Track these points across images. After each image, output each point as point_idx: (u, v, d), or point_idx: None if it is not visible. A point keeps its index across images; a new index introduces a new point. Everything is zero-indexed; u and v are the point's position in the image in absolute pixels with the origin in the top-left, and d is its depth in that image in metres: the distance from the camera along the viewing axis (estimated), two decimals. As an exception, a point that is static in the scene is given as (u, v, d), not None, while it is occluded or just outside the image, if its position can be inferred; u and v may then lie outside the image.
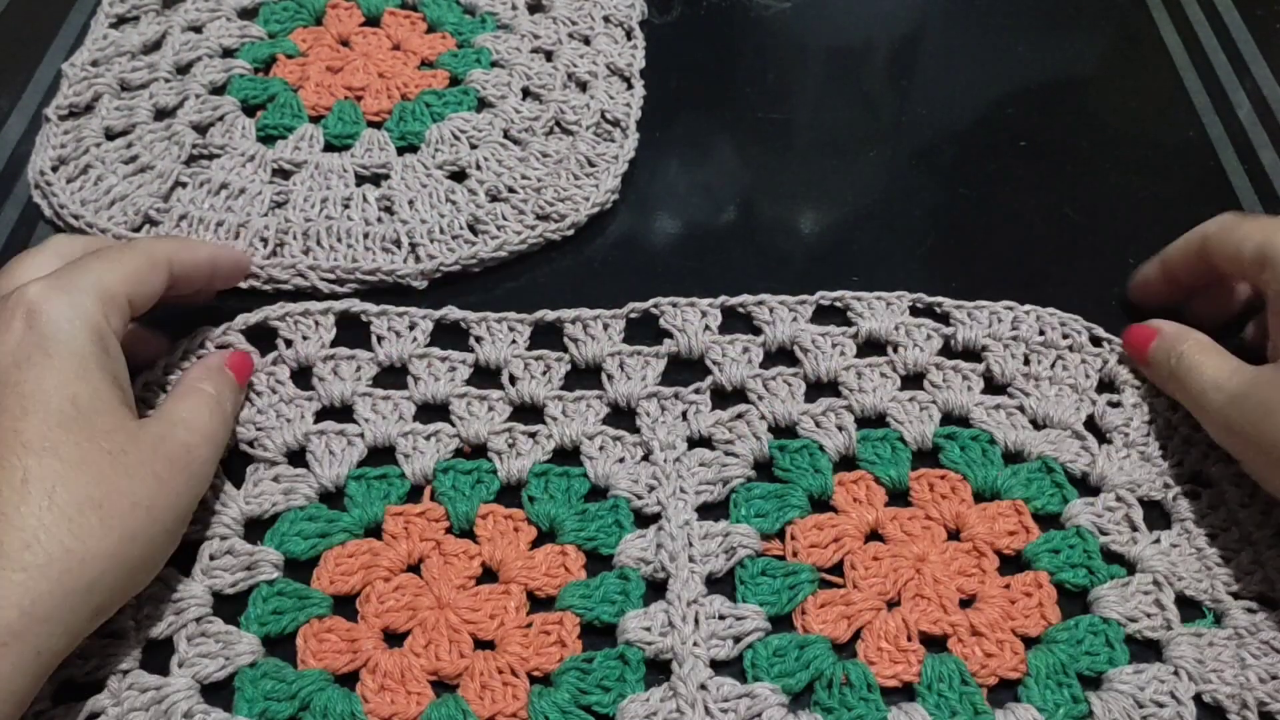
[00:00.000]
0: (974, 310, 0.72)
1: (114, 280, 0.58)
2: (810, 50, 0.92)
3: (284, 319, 0.69)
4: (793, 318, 0.72)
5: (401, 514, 0.63)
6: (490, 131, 0.81)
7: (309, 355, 0.69)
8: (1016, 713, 0.57)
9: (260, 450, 0.65)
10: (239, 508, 0.63)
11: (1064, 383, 0.70)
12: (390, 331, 0.70)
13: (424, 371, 0.69)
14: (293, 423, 0.67)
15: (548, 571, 0.62)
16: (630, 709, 0.56)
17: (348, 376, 0.69)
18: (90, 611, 0.51)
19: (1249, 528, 0.64)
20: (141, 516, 0.53)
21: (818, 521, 0.64)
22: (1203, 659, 0.59)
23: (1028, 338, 0.71)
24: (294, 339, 0.69)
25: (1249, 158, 0.84)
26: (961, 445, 0.67)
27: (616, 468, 0.66)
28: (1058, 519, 0.65)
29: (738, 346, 0.71)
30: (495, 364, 0.70)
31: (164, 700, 0.56)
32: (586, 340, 0.70)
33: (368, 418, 0.67)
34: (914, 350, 0.71)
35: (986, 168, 0.84)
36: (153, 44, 0.86)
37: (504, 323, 0.71)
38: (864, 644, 0.60)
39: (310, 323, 0.70)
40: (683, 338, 0.70)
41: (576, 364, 0.70)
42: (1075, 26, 0.94)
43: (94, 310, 0.56)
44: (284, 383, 0.68)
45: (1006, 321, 0.72)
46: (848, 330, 0.72)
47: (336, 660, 0.58)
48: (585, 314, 0.71)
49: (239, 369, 0.65)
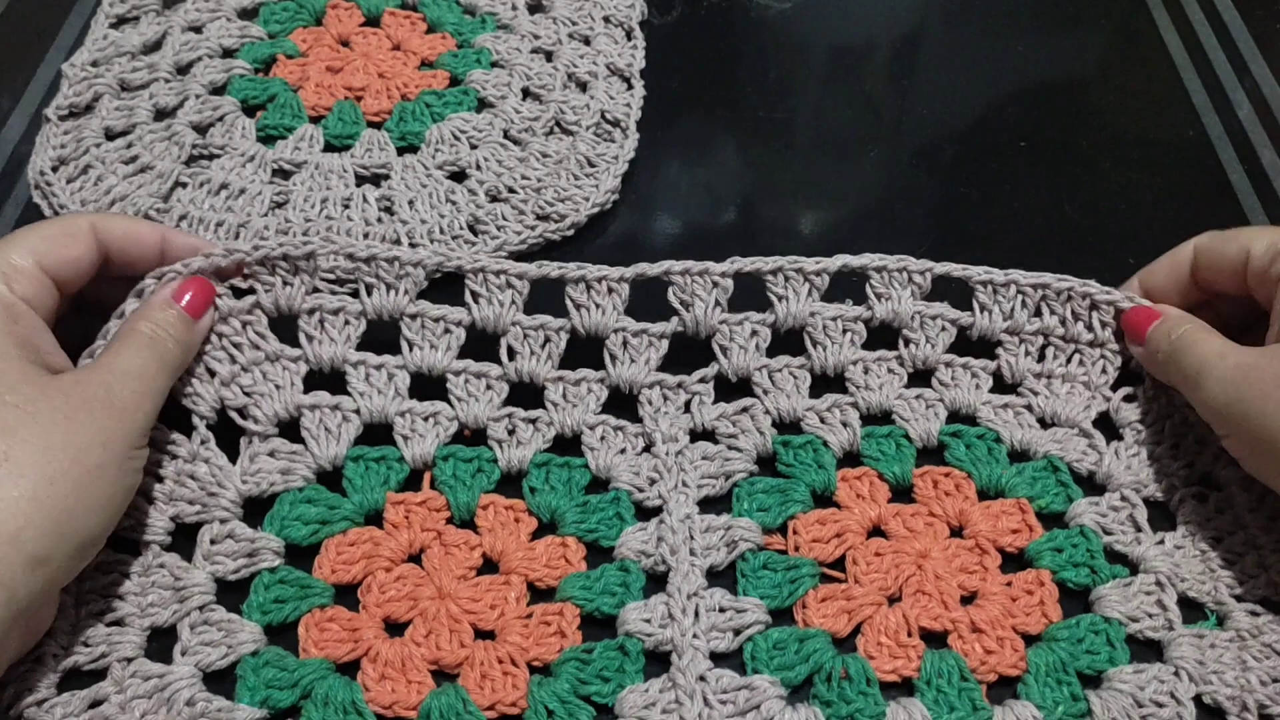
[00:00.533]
0: (1001, 288, 0.70)
1: (17, 252, 0.59)
2: (811, 50, 0.92)
3: (264, 263, 0.66)
4: (808, 290, 0.69)
5: (402, 503, 0.63)
6: (490, 132, 0.81)
7: (291, 303, 0.66)
8: (1015, 709, 0.57)
9: (251, 422, 0.65)
10: (236, 488, 0.63)
11: (1077, 380, 0.70)
12: (379, 281, 0.67)
13: (417, 335, 0.67)
14: (282, 390, 0.66)
15: (548, 563, 0.62)
16: (629, 699, 0.56)
17: (337, 338, 0.67)
18: (25, 562, 0.50)
19: (1255, 532, 0.63)
20: (57, 458, 0.52)
21: (820, 517, 0.64)
22: (1204, 660, 0.59)
23: (1049, 330, 0.70)
24: (274, 284, 0.66)
25: (1249, 157, 0.84)
26: (967, 443, 0.67)
27: (618, 459, 0.66)
28: (1062, 518, 0.65)
29: (746, 329, 0.69)
30: (493, 327, 0.68)
31: (167, 688, 0.55)
32: (589, 306, 0.68)
33: (362, 391, 0.66)
34: (925, 347, 0.70)
35: (987, 167, 0.84)
36: (153, 44, 0.86)
37: (502, 276, 0.67)
38: (864, 639, 0.60)
39: (289, 268, 0.66)
40: (690, 316, 0.68)
41: (578, 332, 0.68)
42: (1075, 26, 0.94)
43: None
44: (265, 336, 0.66)
45: (1030, 306, 0.70)
46: (862, 313, 0.70)
47: (338, 649, 0.58)
48: (590, 272, 0.68)
49: (195, 298, 0.63)
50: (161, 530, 0.61)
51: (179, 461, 0.63)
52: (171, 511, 0.62)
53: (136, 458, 0.57)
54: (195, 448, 0.63)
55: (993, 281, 0.70)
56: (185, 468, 0.63)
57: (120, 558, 0.59)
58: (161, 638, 0.58)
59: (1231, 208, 0.81)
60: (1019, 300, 0.70)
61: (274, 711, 0.56)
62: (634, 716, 0.56)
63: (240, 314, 0.65)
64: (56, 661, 0.56)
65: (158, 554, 0.60)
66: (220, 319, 0.65)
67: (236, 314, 0.65)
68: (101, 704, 0.55)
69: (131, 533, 0.60)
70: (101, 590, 0.58)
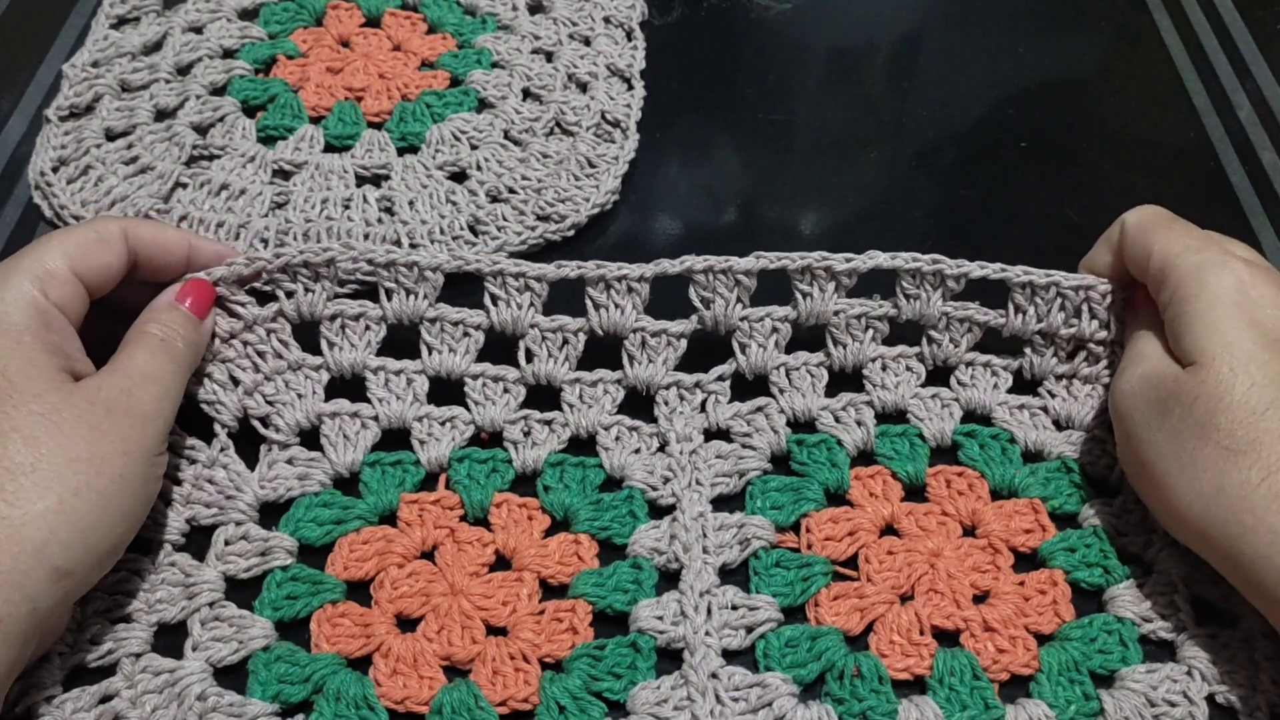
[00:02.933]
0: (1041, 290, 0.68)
1: (52, 256, 0.58)
2: (811, 51, 0.92)
3: (285, 270, 0.66)
4: (833, 287, 0.67)
5: (416, 501, 0.63)
6: (491, 132, 0.81)
7: (313, 309, 0.67)
8: (1028, 708, 0.57)
9: (273, 431, 0.65)
10: (254, 492, 0.63)
11: (1099, 381, 0.69)
12: (399, 286, 0.67)
13: (437, 339, 0.68)
14: (304, 399, 0.66)
15: (561, 560, 0.62)
16: (641, 696, 0.56)
17: (358, 343, 0.67)
18: (49, 574, 0.50)
19: None
20: (82, 469, 0.52)
21: (833, 515, 0.64)
22: (1216, 660, 0.59)
23: (1089, 334, 0.69)
24: (295, 290, 0.67)
25: (1249, 158, 0.84)
26: (981, 443, 0.67)
27: (632, 458, 0.66)
28: (1075, 519, 0.65)
29: (767, 325, 0.68)
30: (511, 329, 0.67)
31: (178, 683, 0.56)
32: (608, 305, 0.67)
33: (381, 397, 0.67)
34: (948, 346, 0.70)
35: (987, 168, 0.84)
36: (153, 45, 0.86)
37: (521, 278, 0.67)
38: (876, 637, 0.60)
39: (310, 275, 0.67)
40: (710, 314, 0.67)
41: (596, 332, 0.68)
42: (1075, 27, 0.95)
43: (28, 287, 0.57)
44: (288, 343, 0.67)
45: (1070, 309, 0.68)
46: (888, 310, 0.69)
47: (349, 644, 0.58)
48: (609, 271, 0.67)
49: (197, 299, 0.63)
50: (176, 531, 0.61)
51: (198, 466, 0.63)
52: (188, 514, 0.62)
53: (157, 465, 0.57)
54: (215, 454, 0.64)
55: (1033, 283, 0.68)
56: (204, 473, 0.63)
57: (130, 556, 0.59)
58: (171, 635, 0.58)
59: (1232, 209, 0.81)
60: (1058, 303, 0.68)
61: (285, 706, 0.56)
62: (646, 713, 0.56)
63: (265, 322, 0.66)
64: (63, 659, 0.56)
65: (169, 553, 0.60)
66: (245, 327, 0.66)
67: (261, 322, 0.66)
68: (112, 699, 0.55)
69: (145, 532, 0.60)
70: (109, 588, 0.58)
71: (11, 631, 0.49)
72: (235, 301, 0.65)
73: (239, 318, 0.65)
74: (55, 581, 0.51)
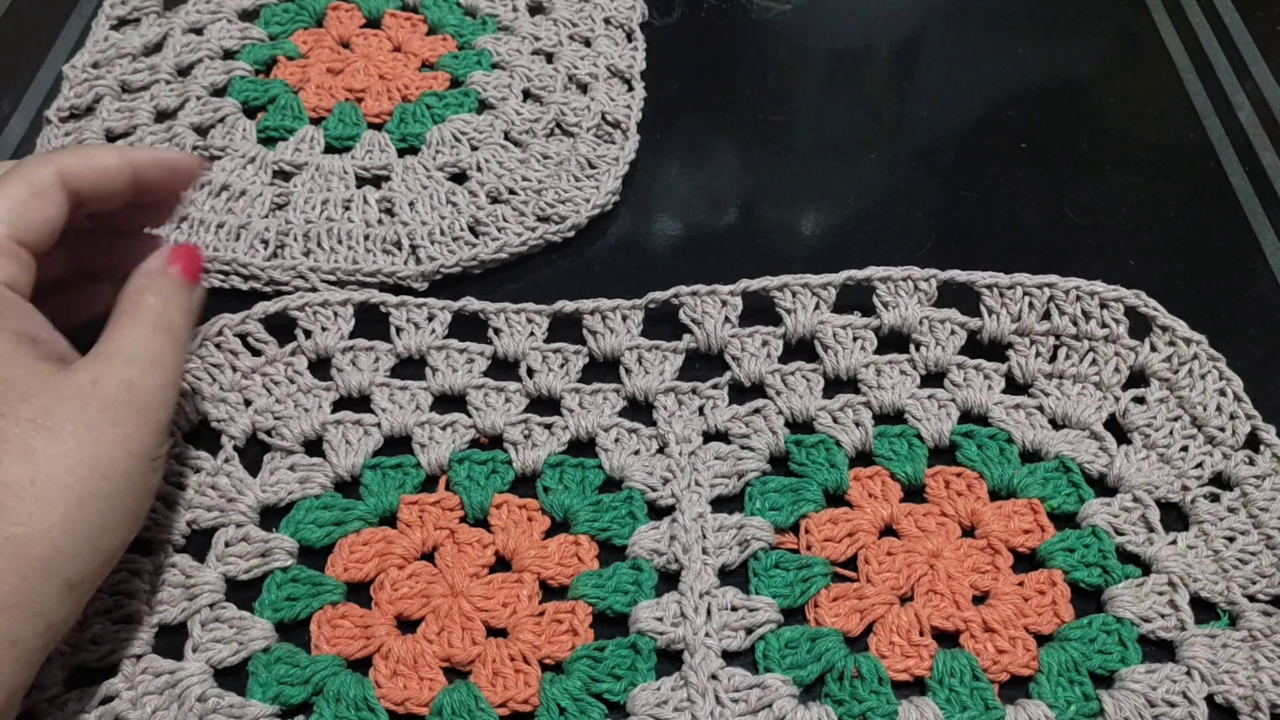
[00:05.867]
0: (1006, 290, 0.71)
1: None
2: (811, 52, 0.92)
3: (303, 309, 0.69)
4: (815, 304, 0.70)
5: (416, 503, 0.63)
6: (491, 133, 0.81)
7: (328, 346, 0.69)
8: (1028, 709, 0.57)
9: (278, 440, 0.66)
10: (255, 496, 0.63)
11: (1088, 380, 0.70)
12: (409, 323, 0.70)
13: (442, 363, 0.69)
14: (310, 412, 0.67)
15: (561, 561, 0.62)
16: (641, 697, 0.56)
17: (366, 367, 0.69)
18: (59, 589, 0.48)
19: (1270, 530, 0.63)
20: (85, 476, 0.49)
21: (832, 516, 0.64)
22: (1216, 660, 0.59)
23: (1060, 330, 0.70)
24: (313, 330, 0.69)
25: (1249, 159, 0.84)
26: (979, 443, 0.67)
27: (631, 460, 0.66)
28: (1074, 518, 0.65)
29: (757, 340, 0.70)
30: (514, 356, 0.69)
31: (178, 684, 0.56)
32: (605, 332, 0.70)
33: (385, 407, 0.67)
34: (935, 349, 0.70)
35: (987, 169, 0.84)
36: (154, 46, 0.86)
37: (523, 314, 0.70)
38: (876, 638, 0.60)
39: (329, 314, 0.69)
40: (702, 333, 0.70)
41: (595, 357, 0.70)
42: (1075, 28, 0.94)
43: None
44: (302, 373, 0.68)
45: (1039, 308, 0.70)
46: (870, 322, 0.71)
47: (350, 646, 0.58)
48: (604, 305, 0.71)
49: (188, 263, 0.58)
50: (177, 533, 0.61)
51: (203, 474, 0.64)
52: (189, 516, 0.62)
53: (159, 455, 0.54)
54: (220, 464, 0.64)
55: (997, 284, 0.71)
56: (207, 479, 0.64)
57: (130, 556, 0.59)
58: (172, 636, 0.58)
59: (1232, 210, 0.81)
60: (1026, 302, 0.70)
61: (286, 708, 0.56)
62: (646, 714, 0.56)
63: (283, 359, 0.68)
64: (64, 659, 0.56)
65: (169, 554, 0.60)
66: (267, 362, 0.68)
67: (280, 359, 0.68)
68: (113, 700, 0.55)
69: (146, 533, 0.60)
70: (110, 588, 0.58)
71: (27, 651, 0.47)
72: (259, 340, 0.68)
73: (261, 355, 0.68)
74: (66, 594, 0.49)
